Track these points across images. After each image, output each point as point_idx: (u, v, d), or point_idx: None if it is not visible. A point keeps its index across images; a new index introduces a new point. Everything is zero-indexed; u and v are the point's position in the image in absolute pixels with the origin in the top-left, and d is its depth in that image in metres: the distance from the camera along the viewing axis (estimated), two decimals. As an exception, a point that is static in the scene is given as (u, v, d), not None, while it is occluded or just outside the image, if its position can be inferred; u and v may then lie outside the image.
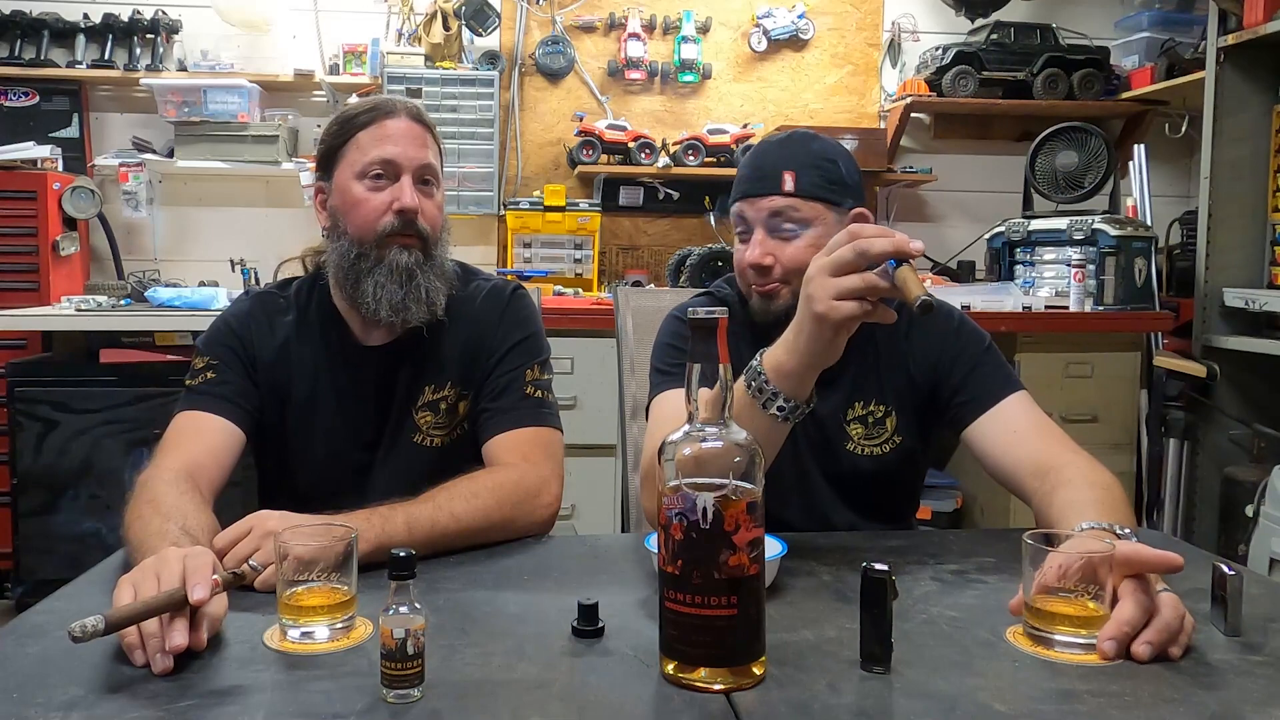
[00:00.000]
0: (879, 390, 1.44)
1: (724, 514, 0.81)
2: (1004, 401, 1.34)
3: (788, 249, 1.37)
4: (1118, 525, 1.05)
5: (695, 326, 0.85)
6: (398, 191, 1.37)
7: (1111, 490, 1.17)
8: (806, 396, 1.14)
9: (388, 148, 1.37)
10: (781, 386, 1.12)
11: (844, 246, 1.06)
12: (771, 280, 1.37)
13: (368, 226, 1.37)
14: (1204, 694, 0.82)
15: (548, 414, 1.43)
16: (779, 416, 1.13)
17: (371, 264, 1.37)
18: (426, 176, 1.40)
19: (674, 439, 0.85)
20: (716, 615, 0.81)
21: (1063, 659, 0.89)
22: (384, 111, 1.39)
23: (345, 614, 0.93)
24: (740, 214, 1.40)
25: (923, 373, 1.43)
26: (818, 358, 1.11)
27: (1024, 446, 1.30)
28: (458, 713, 0.79)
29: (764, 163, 1.39)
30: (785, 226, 1.37)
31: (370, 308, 1.37)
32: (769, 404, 1.13)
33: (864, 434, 1.44)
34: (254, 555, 1.06)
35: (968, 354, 1.41)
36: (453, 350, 1.45)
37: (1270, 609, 1.02)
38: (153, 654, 0.85)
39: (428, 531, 1.17)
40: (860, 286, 1.05)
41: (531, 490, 1.30)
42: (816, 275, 1.08)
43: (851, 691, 0.82)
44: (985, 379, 1.38)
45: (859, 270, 1.05)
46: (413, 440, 1.44)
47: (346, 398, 1.44)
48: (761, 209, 1.37)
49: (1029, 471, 1.27)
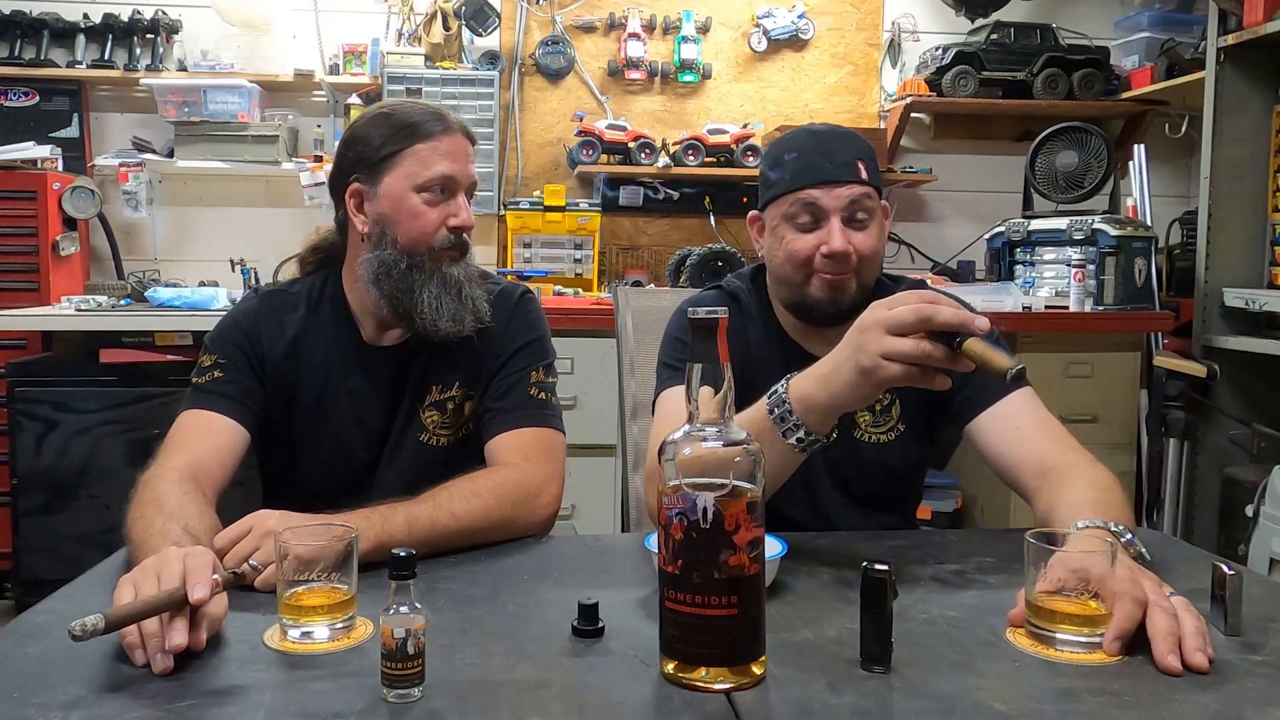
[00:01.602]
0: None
1: (724, 514, 0.81)
2: (1008, 398, 1.33)
3: (861, 238, 1.36)
4: (1113, 523, 1.05)
5: (695, 327, 0.85)
6: (455, 208, 1.39)
7: (1111, 490, 1.17)
8: (827, 431, 1.13)
9: (450, 165, 1.38)
10: (805, 420, 1.11)
11: (907, 307, 1.03)
12: (846, 270, 1.36)
13: (423, 240, 1.38)
14: (1204, 694, 0.82)
15: (550, 415, 1.43)
16: (797, 447, 1.12)
17: (426, 276, 1.38)
18: (470, 193, 1.43)
19: (674, 439, 0.85)
20: (717, 615, 0.81)
21: (1064, 658, 0.89)
22: (445, 127, 1.40)
23: (345, 614, 0.93)
24: (811, 202, 1.36)
25: None
26: (849, 403, 1.09)
27: (1026, 444, 1.30)
28: (458, 713, 0.79)
29: (834, 149, 1.37)
30: (859, 216, 1.36)
31: (429, 319, 1.38)
32: (789, 434, 1.11)
33: (871, 421, 1.43)
34: (254, 555, 1.06)
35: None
36: (461, 351, 1.45)
37: (1270, 609, 1.02)
38: (153, 654, 0.85)
39: (428, 531, 1.17)
40: (913, 353, 1.02)
41: (532, 490, 1.31)
42: (873, 327, 1.05)
43: (851, 691, 0.82)
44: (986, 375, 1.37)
45: (915, 334, 1.02)
46: (419, 439, 1.44)
47: (356, 397, 1.44)
48: (840, 197, 1.35)
49: (1030, 469, 1.27)
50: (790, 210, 1.37)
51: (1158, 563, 1.09)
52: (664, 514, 0.83)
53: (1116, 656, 0.88)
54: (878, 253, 1.40)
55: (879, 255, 1.41)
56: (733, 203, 3.73)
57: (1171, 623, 0.88)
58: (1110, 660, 0.88)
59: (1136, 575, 0.93)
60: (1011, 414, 1.33)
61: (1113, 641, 0.89)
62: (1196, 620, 0.89)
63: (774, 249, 1.42)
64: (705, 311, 0.85)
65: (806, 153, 1.37)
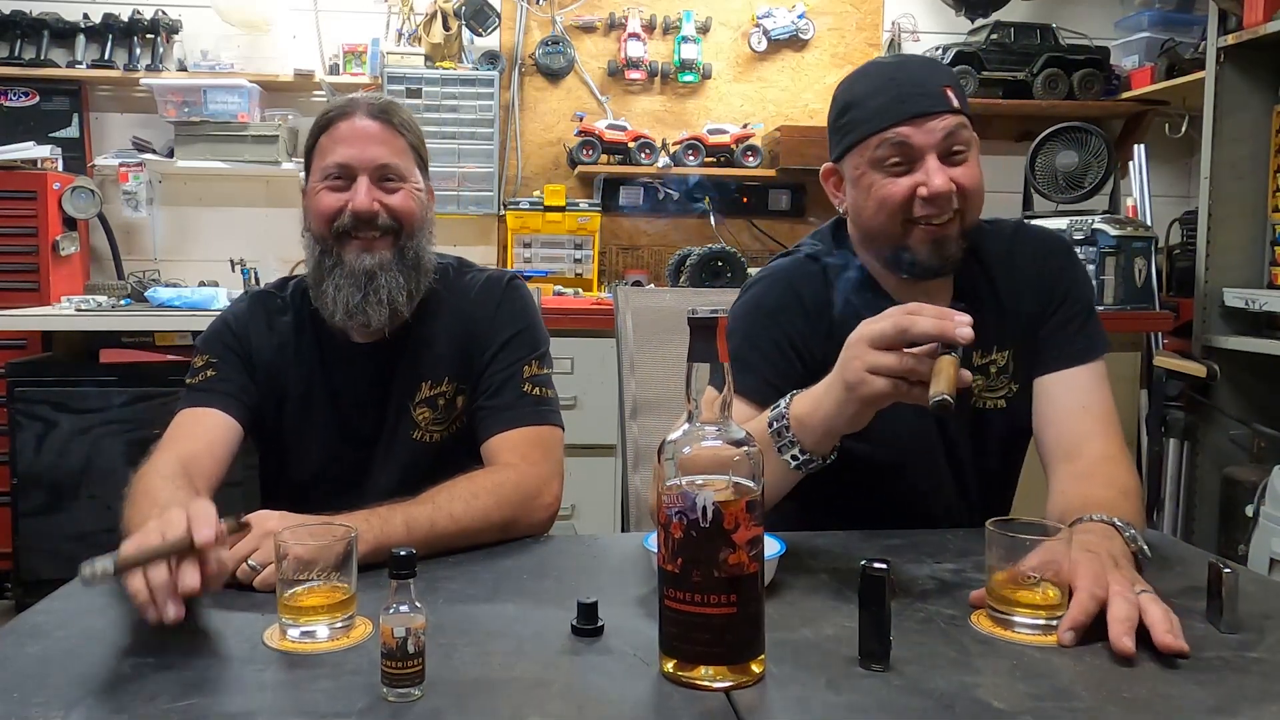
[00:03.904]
0: (999, 336, 1.32)
1: (724, 512, 0.81)
2: (1076, 369, 1.29)
3: (962, 172, 1.22)
4: (1118, 519, 1.06)
5: (695, 326, 0.85)
6: (353, 193, 1.37)
7: (1128, 497, 1.17)
8: (825, 452, 1.10)
9: (341, 150, 1.38)
10: (802, 438, 1.08)
11: (887, 320, 0.99)
12: (949, 211, 1.22)
13: (324, 226, 1.38)
14: (1201, 691, 0.82)
15: (547, 411, 1.42)
16: (791, 465, 1.09)
17: (332, 264, 1.38)
18: (388, 175, 1.38)
19: (674, 438, 0.86)
20: (716, 613, 0.82)
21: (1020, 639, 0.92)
22: (341, 113, 1.39)
23: (345, 613, 0.94)
24: (902, 141, 1.21)
25: (1039, 300, 1.33)
26: (840, 422, 1.05)
27: (1074, 425, 1.26)
28: (458, 712, 0.79)
29: (920, 78, 1.23)
30: (956, 149, 1.22)
31: (328, 309, 1.38)
32: (784, 450, 1.09)
33: (985, 386, 1.33)
34: (253, 555, 1.06)
35: (1072, 300, 1.33)
36: (448, 344, 1.44)
37: (1267, 606, 1.02)
38: (162, 603, 0.86)
39: (427, 532, 1.17)
40: (895, 366, 0.98)
41: (532, 491, 1.30)
42: (857, 343, 1.01)
43: (850, 689, 0.83)
44: (1071, 338, 1.31)
45: (898, 348, 0.99)
46: (411, 437, 1.44)
47: (341, 396, 1.44)
48: (935, 130, 1.20)
49: (1065, 451, 1.25)
50: (878, 154, 1.23)
51: (1157, 562, 1.10)
52: (664, 513, 0.83)
53: (1070, 645, 0.90)
54: (980, 187, 1.26)
55: (981, 190, 1.26)
56: (733, 203, 3.74)
57: (1129, 610, 0.89)
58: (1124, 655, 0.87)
59: (1104, 570, 0.94)
60: (1079, 388, 1.28)
61: (1066, 631, 0.90)
62: (1164, 611, 0.89)
63: (861, 201, 1.27)
64: (706, 311, 0.85)
65: (886, 86, 1.23)
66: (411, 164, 1.41)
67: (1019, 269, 1.35)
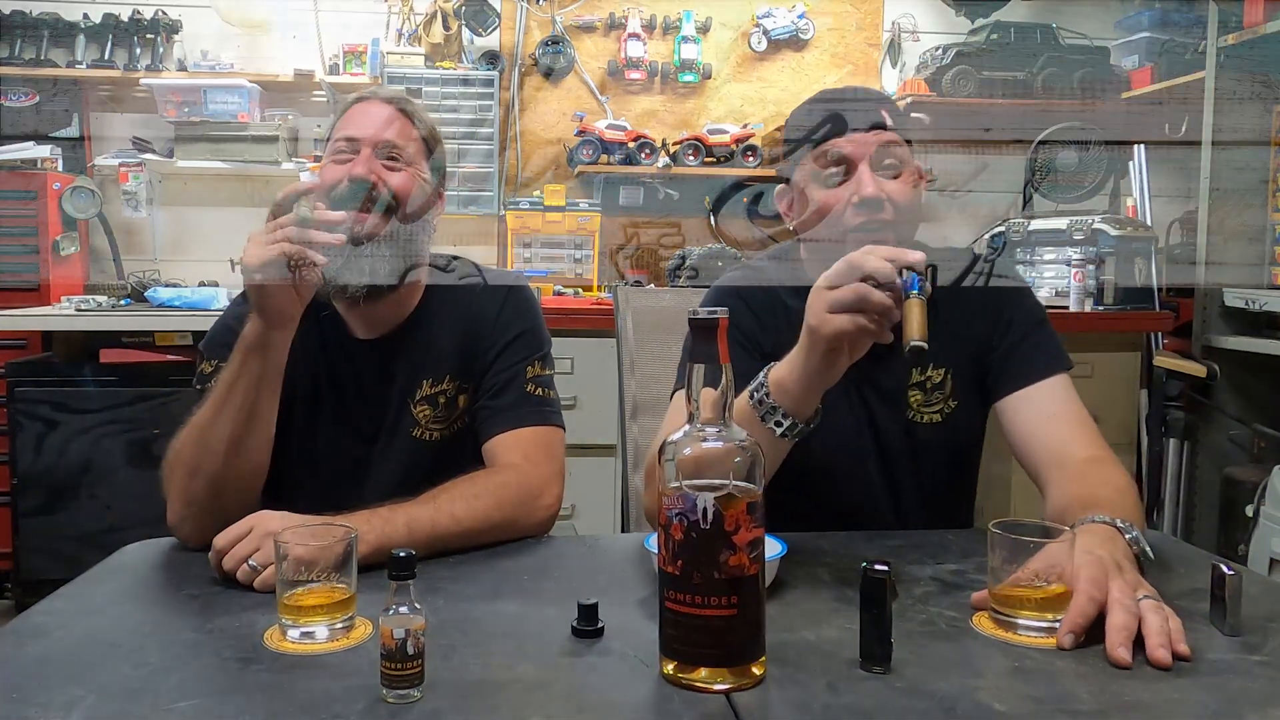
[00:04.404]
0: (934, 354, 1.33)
1: (724, 514, 0.81)
2: (1046, 381, 1.31)
3: (894, 186, 1.29)
4: (1120, 520, 1.05)
5: (696, 326, 0.85)
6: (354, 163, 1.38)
7: (1125, 494, 1.17)
8: (808, 416, 1.13)
9: (351, 127, 1.40)
10: (782, 402, 1.12)
11: (841, 260, 1.05)
12: (880, 218, 1.27)
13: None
14: (1204, 694, 0.82)
15: (549, 412, 1.42)
16: (776, 432, 1.12)
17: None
18: (393, 154, 1.39)
19: (674, 439, 0.85)
20: (716, 615, 0.81)
21: (1022, 642, 0.92)
22: (359, 99, 1.43)
23: (345, 614, 0.93)
24: (838, 151, 1.29)
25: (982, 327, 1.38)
26: (816, 377, 1.09)
27: (1052, 434, 1.28)
28: (458, 713, 0.79)
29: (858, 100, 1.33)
30: (888, 162, 1.30)
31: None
32: (768, 418, 1.12)
33: (923, 401, 1.38)
34: (254, 555, 1.06)
35: (1020, 323, 1.37)
36: (450, 342, 1.44)
37: (1270, 609, 1.02)
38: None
39: (428, 533, 1.17)
40: (850, 299, 1.03)
41: (533, 492, 1.30)
42: (815, 289, 1.07)
43: (851, 691, 0.82)
44: (1030, 354, 1.34)
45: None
46: (411, 435, 1.43)
47: (342, 392, 1.44)
48: (868, 142, 1.29)
49: (1050, 460, 1.26)
50: (817, 166, 1.32)
51: (1158, 564, 1.09)
52: (664, 514, 0.83)
53: (1069, 648, 0.90)
54: (914, 205, 1.31)
55: (915, 209, 1.32)
56: (733, 203, 3.73)
57: (1128, 619, 0.89)
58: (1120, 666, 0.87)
59: (1106, 574, 0.94)
60: (1045, 399, 1.31)
61: (1065, 634, 0.90)
62: (1163, 619, 0.89)
63: (802, 212, 1.35)
64: (706, 311, 0.85)
65: (827, 108, 1.33)
66: (419, 155, 1.43)
67: (967, 294, 1.40)
